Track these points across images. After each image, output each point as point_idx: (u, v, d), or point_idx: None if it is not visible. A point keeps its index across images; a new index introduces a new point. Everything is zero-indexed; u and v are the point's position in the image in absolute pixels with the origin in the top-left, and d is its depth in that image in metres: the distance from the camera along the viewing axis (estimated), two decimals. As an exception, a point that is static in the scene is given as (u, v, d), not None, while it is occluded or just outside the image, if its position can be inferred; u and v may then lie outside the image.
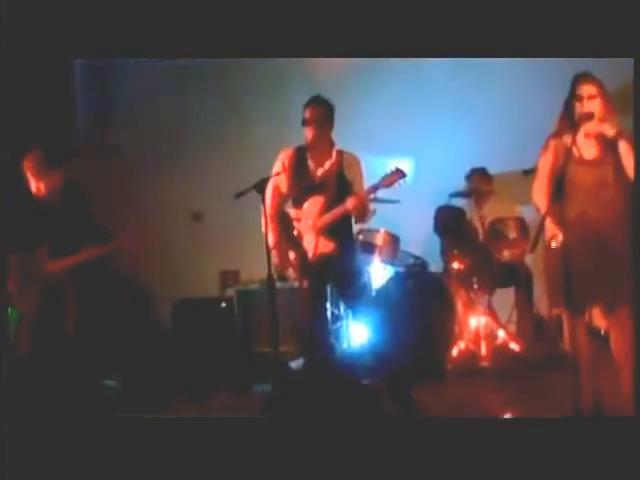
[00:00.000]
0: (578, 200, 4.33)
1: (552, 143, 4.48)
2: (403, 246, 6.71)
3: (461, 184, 6.65)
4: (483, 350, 6.20)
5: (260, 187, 4.75)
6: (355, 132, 6.08)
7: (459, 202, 6.60)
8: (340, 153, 5.13)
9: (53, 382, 4.90)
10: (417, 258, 6.88)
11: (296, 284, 7.09)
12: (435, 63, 7.03)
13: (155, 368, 6.54)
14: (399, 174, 4.94)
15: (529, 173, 5.04)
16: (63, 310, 5.09)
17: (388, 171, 4.96)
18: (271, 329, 4.87)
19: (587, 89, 4.38)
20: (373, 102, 6.76)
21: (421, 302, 6.32)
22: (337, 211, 5.01)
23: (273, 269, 4.84)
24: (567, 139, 4.35)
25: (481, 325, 6.28)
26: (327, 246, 5.07)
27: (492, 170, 6.69)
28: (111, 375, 6.21)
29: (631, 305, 4.23)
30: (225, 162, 7.66)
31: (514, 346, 6.23)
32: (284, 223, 5.19)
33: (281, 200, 5.22)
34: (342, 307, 6.99)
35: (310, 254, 5.11)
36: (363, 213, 5.12)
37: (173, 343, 6.93)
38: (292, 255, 5.18)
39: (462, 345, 6.23)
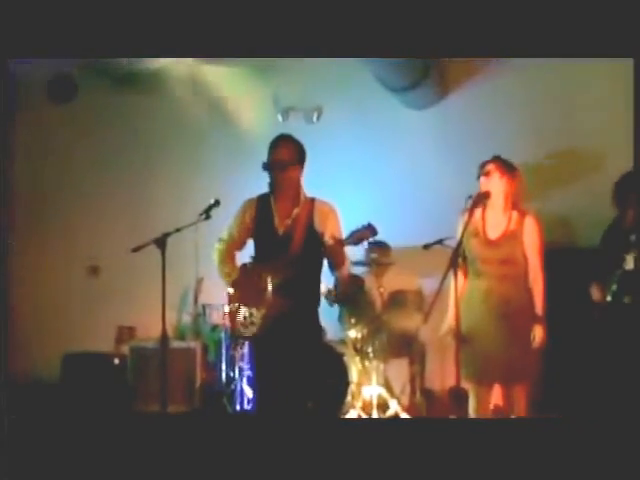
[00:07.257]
0: (484, 278, 4.46)
1: (461, 219, 4.60)
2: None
3: (360, 254, 6.65)
4: (375, 420, 6.20)
5: (160, 241, 4.68)
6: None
7: (358, 271, 6.63)
8: (312, 201, 4.72)
9: None
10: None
11: (192, 344, 7.06)
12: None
13: (43, 422, 6.33)
14: (370, 230, 4.46)
15: (429, 247, 5.17)
16: None
17: (360, 226, 4.46)
18: (161, 388, 4.77)
19: (489, 169, 4.55)
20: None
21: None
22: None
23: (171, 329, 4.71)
24: (474, 217, 4.51)
25: (374, 395, 6.31)
26: (284, 305, 4.55)
27: (394, 243, 6.73)
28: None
29: (529, 384, 4.36)
30: (125, 216, 7.61)
31: (405, 418, 6.26)
32: (244, 278, 4.71)
33: (233, 253, 4.85)
34: (237, 369, 6.95)
35: (264, 312, 4.57)
36: (339, 260, 4.57)
37: (62, 398, 6.77)
38: (247, 313, 4.62)
39: (354, 414, 6.21)
